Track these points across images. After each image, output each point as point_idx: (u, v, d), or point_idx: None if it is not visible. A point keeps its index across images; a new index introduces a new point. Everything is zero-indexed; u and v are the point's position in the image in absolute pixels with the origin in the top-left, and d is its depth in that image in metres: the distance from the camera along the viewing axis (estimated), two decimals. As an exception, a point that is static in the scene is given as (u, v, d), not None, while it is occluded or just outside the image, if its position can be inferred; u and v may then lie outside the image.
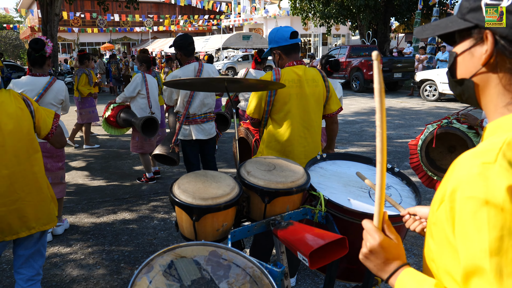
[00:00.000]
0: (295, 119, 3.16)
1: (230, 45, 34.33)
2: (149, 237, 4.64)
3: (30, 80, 4.26)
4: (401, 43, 34.21)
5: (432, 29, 1.12)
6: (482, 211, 0.81)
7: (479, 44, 0.99)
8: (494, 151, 0.86)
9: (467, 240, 0.84)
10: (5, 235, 2.61)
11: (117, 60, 20.98)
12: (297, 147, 3.18)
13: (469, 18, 1.00)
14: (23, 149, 2.64)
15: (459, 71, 1.07)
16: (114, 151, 8.89)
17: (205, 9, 40.49)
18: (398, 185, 2.68)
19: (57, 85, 4.36)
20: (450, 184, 0.91)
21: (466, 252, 0.84)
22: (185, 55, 4.49)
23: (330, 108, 3.35)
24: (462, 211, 0.86)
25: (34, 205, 2.69)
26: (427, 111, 13.14)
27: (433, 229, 1.00)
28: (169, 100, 4.50)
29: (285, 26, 3.26)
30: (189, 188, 2.07)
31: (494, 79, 0.99)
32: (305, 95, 3.16)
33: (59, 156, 4.55)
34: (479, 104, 1.07)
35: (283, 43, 3.18)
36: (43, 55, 4.18)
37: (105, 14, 29.83)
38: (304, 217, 2.36)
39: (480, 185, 0.83)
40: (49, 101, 4.31)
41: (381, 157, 1.09)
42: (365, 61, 18.45)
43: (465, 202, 0.85)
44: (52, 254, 4.27)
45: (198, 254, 1.70)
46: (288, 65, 3.23)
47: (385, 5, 22.68)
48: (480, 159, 0.86)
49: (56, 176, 4.57)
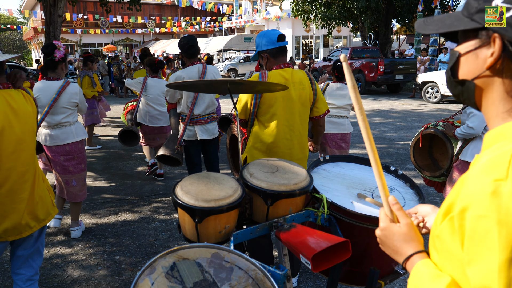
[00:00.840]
0: (280, 121, 3.17)
1: (232, 47, 34.39)
2: (151, 238, 4.64)
3: (44, 85, 4.28)
4: (403, 45, 34.19)
5: (435, 25, 1.08)
6: (493, 231, 0.79)
7: (485, 46, 0.96)
8: (504, 165, 0.83)
9: (477, 260, 0.82)
10: (8, 235, 2.61)
11: (119, 61, 21.01)
12: (282, 149, 3.20)
13: (477, 19, 0.96)
14: (33, 146, 2.71)
15: (461, 71, 1.04)
16: (115, 152, 8.89)
17: (207, 11, 40.59)
18: (402, 187, 2.67)
19: (71, 88, 4.36)
20: (460, 202, 0.88)
21: (476, 272, 0.82)
22: (187, 57, 4.49)
23: (317, 111, 3.35)
24: (473, 230, 0.83)
25: (35, 202, 2.70)
26: (429, 113, 13.12)
27: (437, 242, 0.98)
28: (172, 98, 4.50)
29: (272, 30, 3.27)
30: (192, 190, 2.07)
31: (497, 83, 0.97)
32: (291, 98, 3.16)
33: (80, 157, 4.54)
34: (477, 106, 1.05)
35: (271, 46, 3.18)
36: (52, 59, 4.21)
37: (107, 15, 29.91)
38: (307, 219, 2.36)
39: (493, 204, 0.81)
40: (63, 105, 4.32)
41: (370, 145, 1.19)
42: (366, 63, 18.43)
43: (476, 221, 0.83)
44: (53, 254, 4.27)
45: (200, 256, 1.69)
46: (275, 68, 3.24)
47: (386, 7, 22.69)
48: (491, 176, 0.84)
49: (79, 178, 4.57)
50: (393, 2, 22.03)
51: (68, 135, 4.38)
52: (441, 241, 0.95)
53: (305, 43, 40.43)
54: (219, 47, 33.46)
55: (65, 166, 4.42)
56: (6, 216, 2.56)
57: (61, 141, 4.34)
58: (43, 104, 4.22)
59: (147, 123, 6.49)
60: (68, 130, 4.39)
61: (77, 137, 4.44)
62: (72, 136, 4.40)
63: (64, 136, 4.34)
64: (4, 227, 2.56)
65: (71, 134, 4.40)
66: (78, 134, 4.47)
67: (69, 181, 4.49)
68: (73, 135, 4.42)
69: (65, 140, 4.35)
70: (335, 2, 23.36)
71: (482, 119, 3.52)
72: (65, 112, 4.35)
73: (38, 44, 44.00)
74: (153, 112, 6.46)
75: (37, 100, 4.15)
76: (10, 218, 2.57)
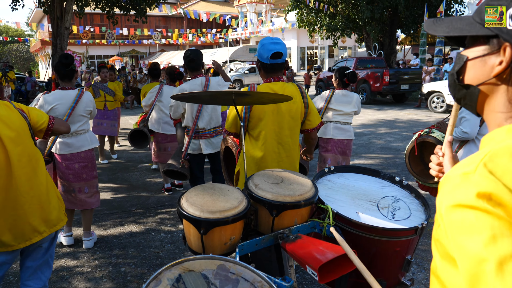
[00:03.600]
0: (269, 135, 3.14)
1: (237, 58, 34.51)
2: (156, 250, 4.63)
3: (60, 95, 4.33)
4: (408, 55, 34.22)
5: (446, 27, 1.09)
6: (468, 217, 0.80)
7: (495, 54, 0.97)
8: (475, 162, 0.86)
9: (461, 250, 0.82)
10: (19, 242, 2.60)
11: (125, 73, 21.16)
12: (270, 162, 3.16)
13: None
14: (24, 153, 2.64)
15: (467, 76, 1.05)
16: (121, 163, 8.91)
17: (212, 23, 40.83)
18: (407, 198, 2.66)
19: (86, 97, 4.47)
20: (438, 199, 0.91)
21: (463, 262, 0.81)
22: (189, 70, 4.54)
23: (309, 124, 3.31)
24: (449, 221, 0.85)
25: (42, 208, 2.69)
26: (434, 122, 13.06)
27: (437, 245, 0.99)
28: (175, 113, 4.52)
29: (271, 43, 3.13)
30: (197, 201, 2.07)
31: (502, 90, 0.98)
32: (281, 111, 3.13)
33: (93, 164, 4.63)
34: (477, 111, 1.07)
35: (263, 61, 3.14)
36: (72, 69, 4.32)
37: (114, 28, 30.16)
38: (312, 230, 2.35)
39: (462, 192, 0.83)
40: (80, 113, 4.41)
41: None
42: (371, 73, 18.45)
43: (449, 212, 0.84)
44: (59, 267, 4.27)
45: (206, 268, 1.69)
46: (265, 82, 3.22)
47: (390, 17, 22.76)
48: (461, 170, 0.87)
49: (92, 185, 4.63)
50: (397, 13, 22.09)
51: (84, 143, 4.48)
52: (439, 243, 0.96)
53: (310, 54, 40.56)
54: (225, 58, 33.60)
55: (79, 174, 4.48)
56: (10, 223, 2.55)
57: (76, 149, 4.43)
58: (61, 113, 4.27)
59: (159, 130, 6.41)
60: (83, 138, 4.50)
61: (92, 144, 4.57)
62: (87, 143, 4.52)
63: (79, 143, 4.44)
64: (11, 234, 2.55)
65: (86, 141, 4.52)
66: (93, 141, 4.60)
67: (81, 188, 4.54)
68: (88, 142, 4.53)
69: (80, 148, 4.44)
70: (340, 13, 23.45)
71: (474, 123, 3.55)
72: (81, 120, 4.46)
73: (45, 56, 44.40)
74: (165, 118, 6.38)
75: (54, 110, 4.21)
76: (15, 226, 2.56)
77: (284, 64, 3.21)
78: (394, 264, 2.40)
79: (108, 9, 17.67)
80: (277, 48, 3.08)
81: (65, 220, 2.91)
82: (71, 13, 15.65)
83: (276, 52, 3.08)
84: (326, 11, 23.43)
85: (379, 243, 2.28)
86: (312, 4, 23.14)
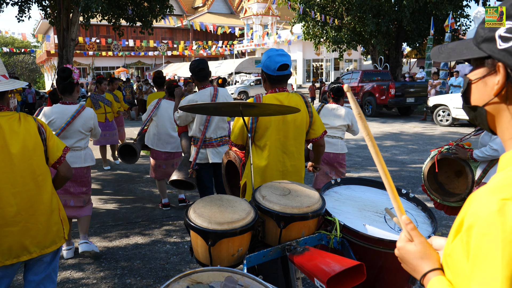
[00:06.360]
0: (274, 144, 3.16)
1: (243, 70, 34.66)
2: (162, 262, 4.62)
3: (59, 109, 4.32)
4: (413, 68, 34.27)
5: (447, 53, 1.14)
6: (497, 248, 0.81)
7: (493, 74, 1.00)
8: (511, 185, 0.86)
9: (480, 276, 0.84)
10: (5, 258, 2.52)
11: (131, 84, 21.28)
12: (275, 172, 3.17)
13: (483, 48, 1.00)
14: (29, 170, 2.59)
15: (473, 97, 1.08)
16: (127, 174, 8.93)
17: (218, 35, 41.08)
18: (414, 210, 2.65)
19: (86, 113, 4.42)
20: (467, 219, 0.91)
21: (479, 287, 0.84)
22: (198, 80, 4.53)
23: (313, 133, 3.34)
24: (478, 247, 0.85)
25: (37, 228, 2.61)
26: (440, 136, 13.05)
27: (448, 260, 1.00)
28: (184, 122, 4.52)
29: (278, 55, 3.15)
30: (205, 213, 2.07)
31: (506, 109, 1.00)
32: (286, 121, 3.15)
33: (84, 182, 4.58)
34: (491, 130, 1.09)
35: (270, 72, 3.16)
36: (71, 82, 4.27)
37: (120, 39, 30.40)
38: (320, 242, 2.35)
39: (498, 222, 0.83)
40: (78, 128, 4.37)
41: (382, 168, 1.25)
42: (377, 86, 18.47)
43: (481, 239, 0.85)
44: (64, 278, 4.26)
45: (214, 280, 1.69)
46: (270, 92, 3.24)
47: (396, 30, 22.83)
48: (498, 195, 0.86)
49: (78, 200, 4.59)
50: (403, 26, 22.16)
51: (76, 160, 4.43)
52: (452, 259, 0.97)
53: (316, 66, 40.66)
54: (230, 70, 33.75)
55: (65, 187, 4.42)
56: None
57: None
58: (57, 127, 4.26)
59: (153, 147, 6.20)
60: (77, 155, 4.45)
61: (84, 163, 4.50)
62: (80, 161, 4.46)
63: (72, 160, 4.35)
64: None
65: (79, 159, 4.46)
66: (86, 160, 4.53)
67: (67, 201, 4.49)
68: (81, 160, 4.47)
69: (72, 164, 4.29)
70: (346, 25, 23.56)
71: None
72: (78, 136, 4.41)
73: (51, 67, 44.76)
74: (162, 135, 6.19)
75: (52, 124, 4.19)
76: (3, 241, 2.49)
77: (289, 75, 3.26)
78: (401, 277, 2.39)
79: (114, 21, 17.84)
80: (284, 60, 3.13)
81: (60, 244, 2.79)
82: (77, 25, 15.83)
83: (283, 64, 3.12)
84: (332, 24, 23.54)
85: (386, 256, 2.27)
86: (318, 17, 23.27)
